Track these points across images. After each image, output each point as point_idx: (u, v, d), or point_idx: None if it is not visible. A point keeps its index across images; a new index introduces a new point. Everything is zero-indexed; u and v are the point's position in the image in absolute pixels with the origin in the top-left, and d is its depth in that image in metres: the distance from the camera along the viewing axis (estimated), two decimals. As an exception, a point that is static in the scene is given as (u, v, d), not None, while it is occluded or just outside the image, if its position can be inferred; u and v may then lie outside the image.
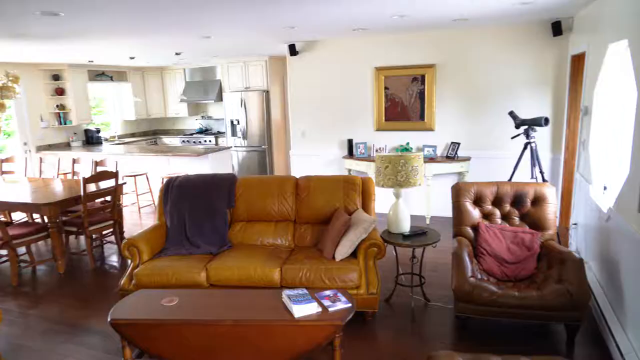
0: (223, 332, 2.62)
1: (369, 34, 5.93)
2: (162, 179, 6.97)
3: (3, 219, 5.58)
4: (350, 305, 2.76)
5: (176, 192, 4.14)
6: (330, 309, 2.71)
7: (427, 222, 5.97)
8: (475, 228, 3.72)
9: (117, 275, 4.84)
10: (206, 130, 9.97)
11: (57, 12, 3.63)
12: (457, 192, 3.82)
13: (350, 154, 6.47)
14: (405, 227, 3.74)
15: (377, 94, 6.29)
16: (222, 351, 2.68)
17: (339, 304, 2.76)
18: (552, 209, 3.62)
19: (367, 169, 6.07)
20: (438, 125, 6.08)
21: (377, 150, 6.30)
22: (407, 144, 6.13)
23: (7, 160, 6.75)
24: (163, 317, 2.66)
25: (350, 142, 6.45)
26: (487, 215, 3.80)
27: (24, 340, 3.55)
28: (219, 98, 9.16)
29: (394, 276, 4.06)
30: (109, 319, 2.71)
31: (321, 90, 6.67)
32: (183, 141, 9.69)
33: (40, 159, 6.93)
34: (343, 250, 3.53)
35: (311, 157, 6.94)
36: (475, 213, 3.78)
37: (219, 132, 9.62)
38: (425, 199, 5.99)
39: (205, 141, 9.43)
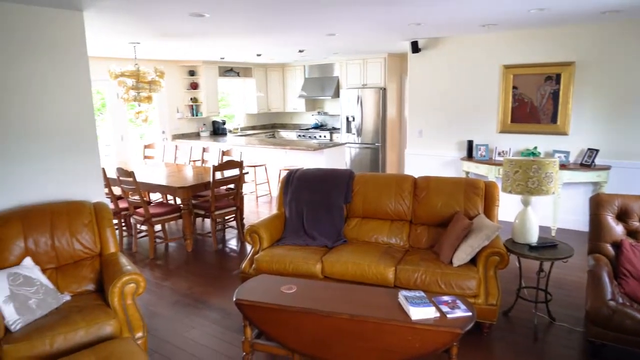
0: (338, 325, 2.66)
1: (499, 29, 5.57)
2: (280, 170, 7.31)
3: (144, 198, 6.29)
4: (470, 314, 2.62)
5: (296, 184, 4.30)
6: (448, 316, 2.60)
7: (553, 234, 5.47)
8: (617, 246, 3.30)
9: (236, 258, 5.19)
10: (321, 125, 10.23)
11: (203, 14, 3.97)
12: (598, 203, 3.43)
13: (470, 155, 6.16)
14: (533, 237, 3.46)
15: (503, 94, 5.90)
16: (335, 344, 2.72)
17: (458, 311, 2.64)
18: None
19: (488, 173, 5.73)
20: (573, 129, 5.52)
21: (499, 154, 5.91)
22: (535, 148, 5.66)
23: (148, 146, 7.59)
24: (282, 303, 2.78)
25: (470, 143, 6.15)
26: (632, 233, 3.36)
27: (158, 308, 3.97)
28: (336, 94, 9.33)
29: (516, 289, 3.79)
30: (234, 299, 2.90)
31: (441, 89, 6.44)
32: (299, 135, 10.06)
33: (176, 146, 7.68)
34: (462, 255, 3.37)
35: (426, 157, 6.76)
36: (617, 229, 3.36)
37: (333, 128, 9.81)
38: (552, 209, 5.49)
39: (320, 136, 9.67)
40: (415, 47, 6.42)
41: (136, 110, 6.30)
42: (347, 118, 8.98)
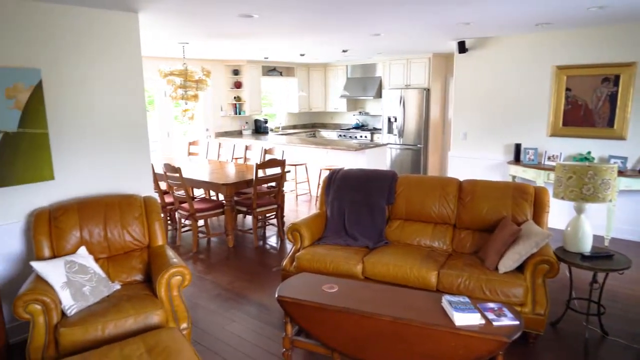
0: (380, 327, 2.64)
1: (552, 28, 5.37)
2: (320, 170, 7.33)
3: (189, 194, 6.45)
4: (517, 322, 2.54)
5: (338, 184, 4.30)
6: (494, 323, 2.53)
7: (605, 243, 5.21)
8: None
9: (276, 255, 5.25)
10: (362, 126, 10.18)
11: (252, 15, 4.03)
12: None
13: (517, 159, 5.97)
14: (586, 246, 3.31)
15: (555, 96, 5.68)
16: (376, 345, 2.70)
17: (505, 319, 2.56)
18: None
19: (536, 178, 5.53)
20: (632, 134, 5.23)
21: (549, 158, 5.69)
22: (589, 153, 5.41)
23: (193, 143, 7.79)
24: (324, 302, 2.78)
25: (517, 147, 5.95)
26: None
27: (201, 300, 4.07)
28: (378, 95, 9.26)
29: (565, 299, 3.63)
30: (276, 295, 2.93)
31: (488, 90, 6.27)
32: (340, 135, 10.05)
33: (220, 144, 7.85)
34: (508, 262, 3.27)
35: (471, 160, 6.59)
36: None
37: (374, 129, 9.74)
38: (607, 217, 5.23)
39: (361, 136, 9.63)
40: (462, 47, 6.28)
41: (183, 108, 6.48)
42: (389, 119, 8.90)
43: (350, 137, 9.83)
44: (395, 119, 8.80)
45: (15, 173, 3.23)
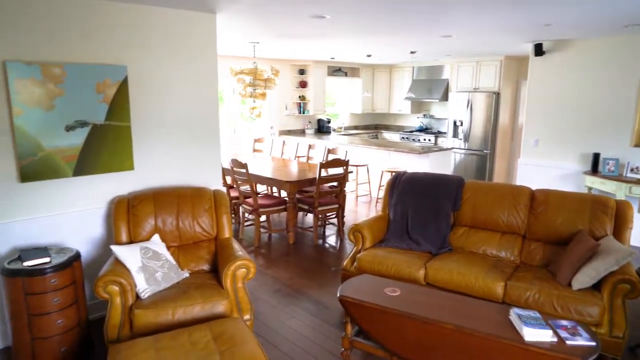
0: (443, 335, 2.58)
1: (642, 31, 4.98)
2: (382, 171, 7.28)
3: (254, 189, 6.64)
4: (594, 344, 2.39)
5: (403, 187, 4.25)
6: (568, 342, 2.39)
7: (694, 266, 4.76)
8: None
9: (335, 254, 5.27)
10: (426, 128, 9.99)
11: (324, 15, 4.08)
12: None
13: (595, 170, 5.60)
14: (674, 268, 3.04)
15: (641, 103, 5.27)
16: (436, 353, 2.64)
17: (580, 339, 2.42)
18: None
19: (616, 190, 5.16)
20: None
21: (632, 170, 5.29)
22: (678, 166, 4.98)
23: (258, 140, 8.00)
24: (386, 305, 2.76)
25: (595, 156, 5.58)
26: None
27: (262, 294, 4.18)
28: (444, 97, 9.04)
29: (646, 323, 3.37)
30: (338, 295, 2.95)
31: (565, 96, 5.93)
32: (402, 137, 9.92)
33: (284, 141, 8.00)
34: (583, 279, 3.08)
35: (542, 168, 6.27)
36: None
37: (439, 132, 9.53)
38: (695, 238, 4.79)
39: (425, 140, 9.45)
40: (538, 50, 5.98)
41: (251, 105, 6.67)
42: (455, 122, 8.66)
43: (414, 139, 9.67)
44: (461, 123, 8.54)
45: (101, 162, 3.48)
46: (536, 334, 2.41)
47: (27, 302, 2.83)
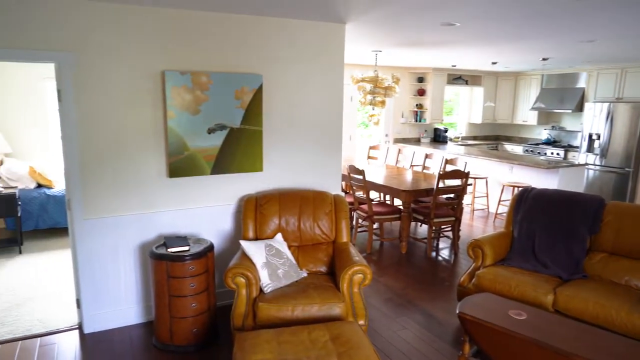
0: (577, 370, 2.35)
1: None
2: (502, 186, 6.86)
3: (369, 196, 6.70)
4: None
5: (530, 203, 3.96)
6: None
7: None
8: None
9: (448, 268, 5.09)
10: (554, 141, 9.20)
11: (454, 23, 3.98)
12: None
13: None
14: None
15: None
16: (568, 389, 2.42)
17: None
18: None
19: None
20: None
21: None
22: None
23: (373, 147, 8.04)
24: (512, 329, 2.60)
25: None
26: None
27: (372, 301, 4.18)
28: (578, 108, 8.25)
29: None
30: (457, 311, 2.84)
31: None
32: (526, 150, 9.25)
33: (399, 150, 7.94)
34: None
35: (702, 193, 5.41)
36: None
37: (569, 146, 8.70)
38: None
39: (552, 153, 8.71)
40: None
41: (370, 113, 6.74)
42: (590, 135, 7.84)
43: (539, 153, 8.96)
44: (599, 137, 7.71)
45: (235, 163, 3.78)
46: (698, 385, 2.09)
47: (169, 284, 3.18)
